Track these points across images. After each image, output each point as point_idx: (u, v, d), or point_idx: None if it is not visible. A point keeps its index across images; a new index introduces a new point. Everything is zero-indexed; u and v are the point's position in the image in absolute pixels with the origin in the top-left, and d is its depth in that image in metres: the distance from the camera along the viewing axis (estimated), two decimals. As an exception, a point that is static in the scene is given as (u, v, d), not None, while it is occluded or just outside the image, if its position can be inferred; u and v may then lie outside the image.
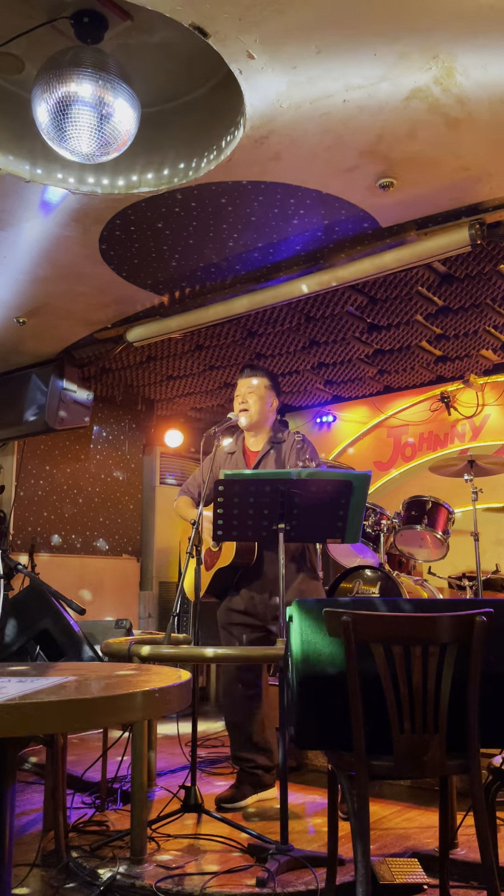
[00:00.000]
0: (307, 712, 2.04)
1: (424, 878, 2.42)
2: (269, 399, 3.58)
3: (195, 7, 2.41)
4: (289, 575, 3.40)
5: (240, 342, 5.53)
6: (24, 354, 5.75)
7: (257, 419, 3.56)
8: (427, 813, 3.22)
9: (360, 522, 2.99)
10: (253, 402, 3.54)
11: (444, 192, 3.55)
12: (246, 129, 3.01)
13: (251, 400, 3.54)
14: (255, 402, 3.54)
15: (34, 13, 2.69)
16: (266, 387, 3.58)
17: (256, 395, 3.55)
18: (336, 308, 4.89)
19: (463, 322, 5.09)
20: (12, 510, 6.23)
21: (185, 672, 1.74)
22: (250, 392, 3.56)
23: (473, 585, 4.96)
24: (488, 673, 2.00)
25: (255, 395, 3.55)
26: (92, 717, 1.42)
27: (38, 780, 3.84)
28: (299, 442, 3.47)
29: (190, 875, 2.53)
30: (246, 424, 3.56)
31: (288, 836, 2.63)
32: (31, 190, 3.49)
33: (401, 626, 1.95)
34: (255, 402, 3.54)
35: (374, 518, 4.88)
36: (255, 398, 3.55)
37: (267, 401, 3.57)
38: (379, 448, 6.93)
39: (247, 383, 3.58)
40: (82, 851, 2.75)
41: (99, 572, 6.84)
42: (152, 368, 6.16)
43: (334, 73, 2.72)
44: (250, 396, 3.55)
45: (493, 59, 2.65)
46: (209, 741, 4.69)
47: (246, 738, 3.44)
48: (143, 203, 3.60)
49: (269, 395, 3.58)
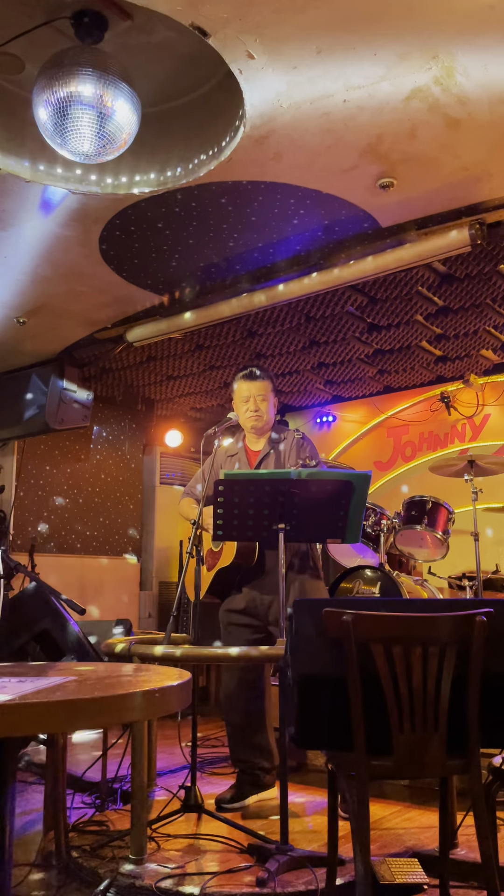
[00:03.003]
0: (307, 712, 2.04)
1: (424, 878, 2.41)
2: (274, 401, 3.62)
3: (195, 7, 2.41)
4: (291, 575, 3.40)
5: (240, 342, 5.52)
6: (24, 354, 5.75)
7: (268, 420, 3.57)
8: (427, 813, 3.22)
9: (361, 522, 2.99)
10: (265, 408, 3.54)
11: (444, 192, 3.55)
12: (246, 128, 3.01)
13: (263, 406, 3.53)
14: (266, 407, 3.54)
15: (34, 13, 2.69)
16: (271, 390, 3.60)
17: (267, 400, 3.55)
18: (336, 308, 4.89)
19: (463, 322, 5.09)
20: (12, 510, 6.23)
21: (185, 672, 1.74)
22: (261, 397, 3.53)
23: (473, 585, 4.95)
24: (488, 673, 2.00)
25: (266, 400, 3.55)
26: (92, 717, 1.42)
27: (38, 780, 3.84)
28: (300, 440, 3.48)
29: (190, 875, 2.53)
30: (259, 427, 3.56)
31: (288, 836, 2.62)
32: (32, 190, 3.49)
33: (401, 626, 1.95)
34: (266, 408, 3.54)
35: (374, 518, 4.88)
36: (267, 403, 3.55)
37: (273, 403, 3.61)
38: (379, 448, 6.93)
39: (256, 387, 3.54)
40: (82, 851, 2.75)
41: (99, 572, 6.84)
42: (152, 368, 6.16)
43: (334, 73, 2.72)
44: (262, 403, 3.53)
45: (493, 59, 2.65)
46: (209, 741, 4.69)
47: (246, 738, 3.44)
48: (143, 203, 3.60)
49: (273, 396, 3.62)
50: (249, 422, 3.55)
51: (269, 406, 3.55)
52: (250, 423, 3.55)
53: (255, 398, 3.53)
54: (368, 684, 1.95)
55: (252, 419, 3.53)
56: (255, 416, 3.52)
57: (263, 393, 3.54)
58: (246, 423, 3.56)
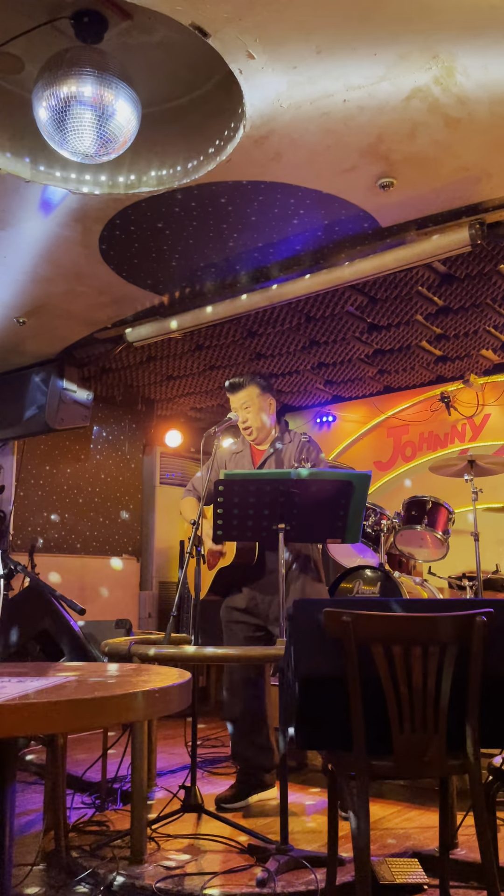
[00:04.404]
0: (307, 712, 2.04)
1: (424, 878, 2.41)
2: (264, 405, 3.55)
3: (195, 7, 2.41)
4: (292, 576, 3.40)
5: (240, 342, 5.52)
6: (24, 354, 5.75)
7: (261, 427, 3.54)
8: (427, 813, 3.22)
9: (361, 522, 2.99)
10: (252, 416, 3.50)
11: (444, 192, 3.55)
12: (246, 128, 3.01)
13: (250, 415, 3.50)
14: (253, 415, 3.51)
15: (34, 13, 2.68)
16: (258, 394, 3.53)
17: (253, 408, 3.51)
18: (336, 308, 4.89)
19: (463, 322, 5.09)
20: (12, 510, 6.23)
21: (186, 672, 1.74)
22: (245, 408, 3.51)
23: (473, 585, 4.95)
24: (488, 673, 2.00)
25: (252, 409, 3.51)
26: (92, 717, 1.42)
27: (38, 780, 3.84)
28: (305, 443, 3.48)
29: (190, 875, 2.53)
30: (255, 438, 3.56)
31: (288, 836, 2.62)
32: (31, 190, 3.49)
33: (401, 627, 1.95)
34: (253, 416, 3.51)
35: (374, 518, 4.88)
36: (253, 411, 3.51)
37: (263, 407, 3.54)
38: (379, 448, 6.93)
39: (239, 398, 3.52)
40: (82, 851, 2.75)
41: (99, 572, 6.84)
42: (152, 368, 6.16)
43: (334, 73, 2.72)
44: (247, 412, 3.50)
45: (493, 59, 2.65)
46: (209, 741, 4.69)
47: (246, 737, 3.44)
48: (143, 203, 3.60)
49: (263, 400, 3.54)
50: (243, 433, 3.58)
51: (257, 412, 3.51)
52: (244, 433, 3.58)
53: (240, 410, 3.51)
54: (368, 684, 1.95)
55: (244, 432, 3.57)
56: (246, 430, 3.54)
57: (248, 401, 3.50)
58: (242, 433, 3.60)
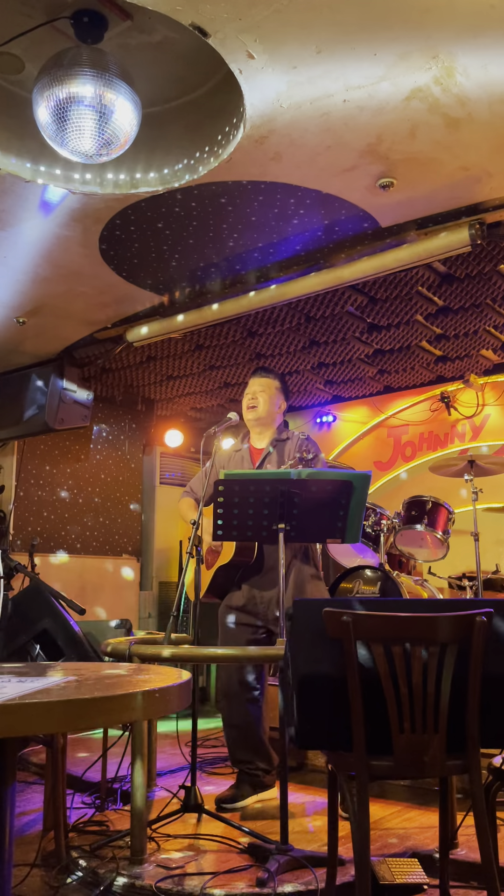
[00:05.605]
0: (307, 712, 2.04)
1: (424, 878, 2.41)
2: (277, 400, 3.64)
3: (195, 7, 2.41)
4: (291, 576, 3.40)
5: (240, 342, 5.53)
6: (24, 354, 5.75)
7: (265, 416, 3.60)
8: (427, 813, 3.21)
9: (361, 522, 2.99)
10: (263, 400, 3.60)
11: (444, 192, 3.55)
12: (246, 128, 3.01)
13: (261, 398, 3.60)
14: (264, 399, 3.60)
15: (34, 13, 2.69)
16: (276, 388, 3.64)
17: (266, 394, 3.61)
18: (336, 308, 4.89)
19: (463, 322, 5.09)
20: (12, 510, 6.23)
21: (186, 672, 1.74)
22: (261, 390, 3.62)
23: (473, 585, 4.95)
24: (488, 673, 2.00)
25: (266, 394, 3.61)
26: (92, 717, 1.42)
27: (38, 780, 3.84)
28: (304, 440, 3.50)
29: (190, 875, 2.53)
30: (253, 419, 3.60)
31: (288, 836, 2.62)
32: (31, 190, 3.49)
33: (401, 626, 1.95)
34: (264, 400, 3.60)
35: (374, 518, 4.88)
36: (266, 396, 3.60)
37: (276, 401, 3.63)
38: (379, 448, 6.93)
39: (258, 382, 3.64)
40: (82, 851, 2.75)
41: (99, 572, 6.84)
42: (152, 368, 6.16)
43: (334, 73, 2.72)
44: (261, 394, 3.61)
45: (493, 59, 2.65)
46: (209, 741, 4.69)
47: (245, 739, 3.43)
48: (143, 203, 3.60)
49: (278, 396, 3.65)
50: (247, 414, 3.62)
51: (268, 399, 3.60)
52: (247, 415, 3.61)
53: (255, 391, 3.62)
54: (368, 684, 1.95)
55: (248, 411, 3.61)
56: (251, 408, 3.60)
57: (265, 388, 3.62)
58: (245, 416, 3.63)
